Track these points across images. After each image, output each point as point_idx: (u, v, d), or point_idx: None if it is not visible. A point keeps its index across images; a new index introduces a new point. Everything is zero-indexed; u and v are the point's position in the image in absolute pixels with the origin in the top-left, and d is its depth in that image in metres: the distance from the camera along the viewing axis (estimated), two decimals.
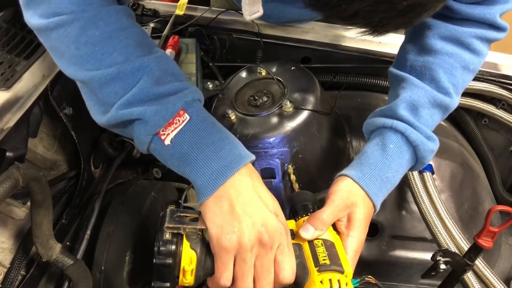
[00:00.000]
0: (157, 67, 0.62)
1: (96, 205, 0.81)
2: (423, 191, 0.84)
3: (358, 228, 0.65)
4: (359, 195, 0.66)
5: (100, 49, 0.60)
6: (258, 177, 0.63)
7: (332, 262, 0.58)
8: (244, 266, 0.56)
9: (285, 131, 0.82)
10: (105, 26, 0.61)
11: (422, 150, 0.70)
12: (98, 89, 0.61)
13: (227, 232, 0.57)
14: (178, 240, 0.58)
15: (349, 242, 0.64)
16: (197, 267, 0.58)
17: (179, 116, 0.60)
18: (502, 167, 1.14)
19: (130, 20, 0.64)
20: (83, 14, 0.60)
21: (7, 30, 0.81)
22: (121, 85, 0.60)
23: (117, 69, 0.60)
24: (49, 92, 0.75)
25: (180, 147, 0.60)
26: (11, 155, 0.67)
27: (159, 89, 0.60)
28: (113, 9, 0.63)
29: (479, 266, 0.75)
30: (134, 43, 0.62)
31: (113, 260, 0.76)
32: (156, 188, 0.90)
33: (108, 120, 0.62)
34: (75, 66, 0.62)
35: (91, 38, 0.60)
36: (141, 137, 0.61)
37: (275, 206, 0.62)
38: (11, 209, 0.71)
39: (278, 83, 0.91)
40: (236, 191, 0.59)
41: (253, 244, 0.57)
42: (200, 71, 1.03)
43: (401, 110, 0.71)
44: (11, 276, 0.67)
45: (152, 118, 0.59)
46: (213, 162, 0.59)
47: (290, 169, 0.83)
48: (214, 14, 1.11)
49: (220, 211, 0.58)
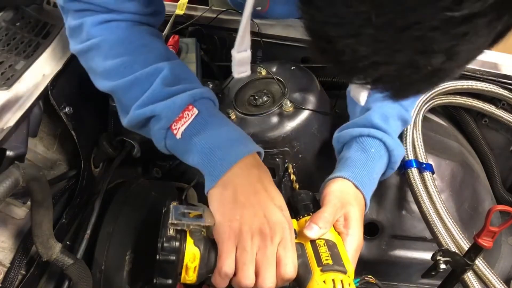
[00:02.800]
0: (170, 71, 0.67)
1: (96, 204, 0.81)
2: (423, 190, 0.84)
3: (356, 226, 0.66)
4: (351, 195, 0.69)
5: (123, 63, 0.68)
6: (266, 171, 0.65)
7: (335, 262, 0.58)
8: (245, 255, 0.56)
9: (285, 130, 0.82)
10: (129, 44, 0.69)
11: (396, 155, 0.76)
12: (122, 95, 0.69)
13: (229, 219, 0.58)
14: (182, 236, 0.58)
15: (350, 241, 0.65)
16: (200, 264, 0.58)
17: (188, 111, 0.64)
18: (502, 167, 1.14)
19: (153, 38, 0.72)
20: (110, 36, 0.69)
21: (7, 30, 0.81)
22: (138, 89, 0.67)
23: (134, 76, 0.67)
24: (49, 91, 0.75)
25: (190, 139, 0.64)
26: (11, 155, 0.67)
27: (170, 90, 0.66)
28: (137, 30, 0.71)
29: (479, 266, 0.75)
30: (154, 56, 0.69)
31: (113, 260, 0.76)
32: (156, 187, 0.90)
33: (129, 121, 0.69)
34: (104, 80, 0.70)
35: (116, 55, 0.68)
36: (156, 133, 0.66)
37: (281, 200, 0.63)
38: (11, 209, 0.71)
39: (278, 82, 0.91)
40: (241, 180, 0.60)
41: (254, 233, 0.57)
42: (200, 71, 1.03)
43: (376, 119, 0.76)
44: (11, 276, 0.67)
45: (162, 113, 0.64)
46: (219, 151, 0.62)
47: (290, 168, 0.83)
48: (214, 14, 1.11)
49: (224, 199, 0.60)
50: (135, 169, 1.03)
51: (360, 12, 0.32)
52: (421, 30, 0.31)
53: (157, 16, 0.76)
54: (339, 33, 0.34)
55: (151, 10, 0.73)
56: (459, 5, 0.29)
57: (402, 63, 0.34)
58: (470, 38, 0.32)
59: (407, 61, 0.34)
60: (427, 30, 0.31)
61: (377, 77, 0.36)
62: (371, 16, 0.31)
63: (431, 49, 0.33)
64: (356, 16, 0.32)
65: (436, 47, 0.32)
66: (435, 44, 0.32)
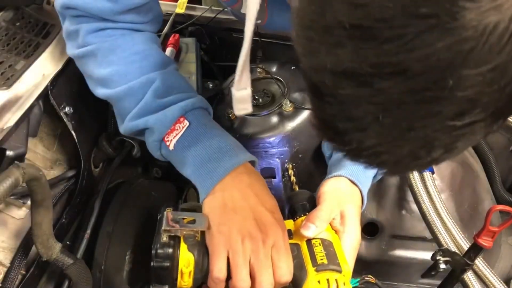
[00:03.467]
0: (161, 82, 0.68)
1: (96, 204, 0.81)
2: (423, 190, 0.84)
3: (353, 224, 0.66)
4: (347, 192, 0.69)
5: (116, 72, 0.69)
6: (258, 177, 0.65)
7: (330, 261, 0.58)
8: (237, 258, 0.57)
9: (285, 130, 0.82)
10: (122, 52, 0.69)
11: None
12: (116, 104, 0.71)
13: (218, 223, 0.59)
14: (175, 242, 0.58)
15: (347, 239, 0.65)
16: (195, 269, 0.58)
17: (179, 123, 0.65)
18: (502, 167, 1.14)
19: (148, 45, 0.72)
20: (103, 44, 0.69)
21: (7, 30, 0.81)
22: (131, 99, 0.68)
23: (128, 86, 0.68)
24: (49, 91, 0.75)
25: (182, 151, 0.65)
26: (11, 154, 0.67)
27: (162, 101, 0.67)
28: (131, 37, 0.71)
29: (479, 266, 0.75)
30: (148, 64, 0.70)
31: (113, 260, 0.76)
32: (156, 187, 0.90)
33: (124, 130, 0.71)
34: (99, 86, 0.71)
35: (110, 63, 0.69)
36: (151, 144, 0.68)
37: (272, 204, 0.63)
38: (11, 209, 0.71)
39: (278, 82, 0.91)
40: (230, 188, 0.61)
41: (244, 237, 0.57)
42: (200, 70, 1.03)
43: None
44: (11, 276, 0.66)
45: (155, 126, 0.66)
46: (209, 163, 0.63)
47: (290, 168, 0.83)
48: (213, 14, 1.11)
49: (213, 206, 0.61)
50: (135, 169, 1.03)
51: (369, 113, 0.34)
52: (425, 132, 0.34)
53: (154, 24, 0.76)
54: (347, 127, 0.36)
55: (148, 19, 0.73)
56: (462, 116, 0.32)
57: (404, 154, 0.36)
58: (468, 137, 0.34)
59: (409, 152, 0.36)
60: (430, 132, 0.33)
61: (380, 162, 0.39)
62: (379, 116, 0.33)
63: (432, 145, 0.35)
64: (364, 115, 0.34)
65: (437, 143, 0.35)
66: (437, 141, 0.34)
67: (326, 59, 0.33)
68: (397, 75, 0.31)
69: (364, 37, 0.30)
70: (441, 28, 0.28)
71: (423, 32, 0.28)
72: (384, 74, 0.31)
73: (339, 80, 0.33)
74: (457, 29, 0.28)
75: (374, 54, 0.30)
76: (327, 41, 0.33)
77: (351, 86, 0.33)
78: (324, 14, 0.32)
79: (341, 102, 0.35)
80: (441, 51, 0.29)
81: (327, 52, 0.33)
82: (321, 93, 0.36)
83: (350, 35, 0.31)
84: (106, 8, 0.67)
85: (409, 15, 0.28)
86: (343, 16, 0.30)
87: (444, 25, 0.28)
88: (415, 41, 0.29)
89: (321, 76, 0.35)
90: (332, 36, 0.32)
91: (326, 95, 0.35)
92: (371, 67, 0.31)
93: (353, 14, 0.30)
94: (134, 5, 0.68)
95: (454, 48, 0.28)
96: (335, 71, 0.33)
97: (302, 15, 0.34)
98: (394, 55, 0.30)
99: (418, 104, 0.32)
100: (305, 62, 0.36)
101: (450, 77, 0.30)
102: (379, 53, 0.30)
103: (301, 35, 0.35)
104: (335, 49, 0.32)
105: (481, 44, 0.28)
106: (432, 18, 0.28)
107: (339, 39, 0.32)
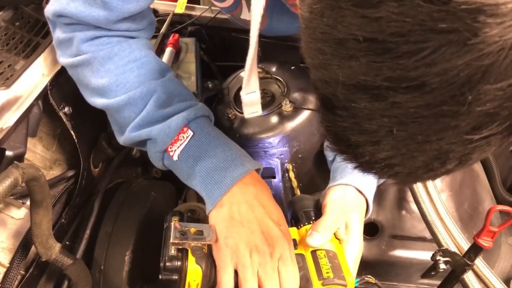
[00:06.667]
0: (162, 90, 0.67)
1: (96, 204, 0.81)
2: (423, 190, 0.84)
3: (357, 233, 0.66)
4: (352, 201, 0.69)
5: (115, 81, 0.67)
6: (264, 186, 0.65)
7: (336, 275, 0.59)
8: (245, 271, 0.56)
9: (285, 130, 0.82)
10: (119, 60, 0.68)
11: None
12: (115, 114, 0.69)
13: (225, 236, 0.58)
14: (183, 255, 0.58)
15: (350, 248, 0.66)
16: (202, 282, 0.58)
17: (183, 133, 0.64)
18: (502, 167, 1.14)
19: (144, 51, 0.71)
20: (99, 53, 0.68)
21: (6, 29, 0.81)
22: (132, 109, 0.67)
23: (128, 96, 0.66)
24: (49, 91, 0.75)
25: (186, 162, 0.64)
26: (11, 154, 0.66)
27: (164, 111, 0.66)
28: (127, 44, 0.69)
29: (479, 266, 0.75)
30: (146, 72, 0.69)
31: (113, 260, 0.76)
32: (156, 187, 0.90)
33: (124, 141, 0.69)
34: (96, 96, 0.70)
35: (107, 72, 0.67)
36: (153, 154, 0.67)
37: (279, 215, 0.63)
38: (10, 209, 0.71)
39: (278, 82, 0.91)
40: (237, 199, 0.61)
41: (252, 250, 0.57)
42: (200, 70, 1.02)
43: None
44: (10, 276, 0.66)
45: (158, 137, 0.65)
46: (215, 174, 0.62)
47: (290, 168, 0.83)
48: (213, 13, 1.11)
49: (221, 218, 0.60)
50: (135, 169, 1.03)
51: (383, 126, 0.33)
52: (440, 145, 0.33)
53: (148, 30, 0.75)
54: (360, 140, 0.35)
55: (143, 26, 0.72)
56: (479, 129, 0.31)
57: (417, 166, 0.35)
58: (484, 149, 0.33)
59: (422, 164, 0.35)
60: (445, 144, 0.33)
61: (390, 174, 0.38)
62: (393, 129, 0.32)
63: (446, 157, 0.34)
64: (378, 128, 0.33)
65: (452, 155, 0.34)
66: (452, 153, 0.34)
67: (339, 72, 0.32)
68: (414, 89, 0.30)
69: (378, 51, 0.30)
70: (461, 43, 0.27)
71: (442, 47, 0.28)
72: (400, 88, 0.30)
73: (352, 93, 0.33)
74: (477, 45, 0.27)
75: (390, 68, 0.30)
76: (339, 54, 0.32)
77: (364, 99, 0.32)
78: (336, 26, 0.31)
79: (354, 115, 0.34)
80: (461, 66, 0.28)
81: (340, 64, 0.32)
82: (332, 106, 0.35)
83: (364, 48, 0.30)
84: (101, 17, 0.65)
85: (427, 30, 0.27)
86: (356, 29, 0.30)
87: (464, 40, 0.27)
88: (434, 55, 0.28)
89: (333, 89, 0.34)
90: (345, 49, 0.31)
91: (338, 107, 0.35)
92: (386, 80, 0.30)
93: (367, 27, 0.29)
94: (130, 13, 0.66)
95: (474, 63, 0.28)
96: (347, 84, 0.32)
97: (312, 27, 0.33)
98: (412, 70, 0.29)
99: (434, 118, 0.31)
100: (316, 74, 0.35)
101: (469, 92, 0.29)
102: (395, 67, 0.29)
103: (312, 47, 0.34)
104: (348, 62, 0.31)
105: (502, 59, 0.27)
106: (452, 33, 0.27)
107: (352, 52, 0.31)
